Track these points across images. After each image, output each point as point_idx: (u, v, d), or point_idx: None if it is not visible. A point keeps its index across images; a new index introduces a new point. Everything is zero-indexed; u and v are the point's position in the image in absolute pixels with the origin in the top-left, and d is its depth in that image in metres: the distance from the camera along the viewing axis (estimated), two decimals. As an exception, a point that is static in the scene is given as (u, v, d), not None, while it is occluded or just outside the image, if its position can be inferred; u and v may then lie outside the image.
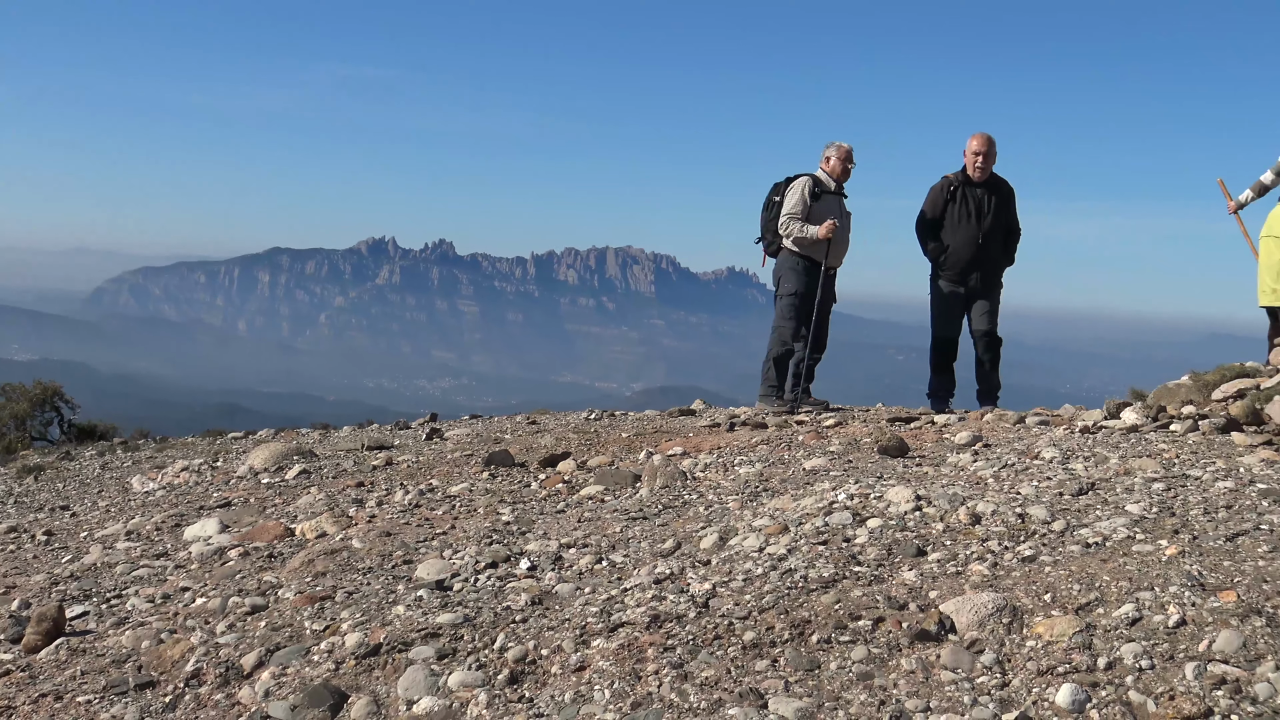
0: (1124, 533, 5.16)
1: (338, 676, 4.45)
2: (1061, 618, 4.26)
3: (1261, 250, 11.68)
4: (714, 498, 6.88)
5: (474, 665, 4.36)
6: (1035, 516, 5.48)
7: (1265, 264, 11.53)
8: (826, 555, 5.12)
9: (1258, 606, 4.22)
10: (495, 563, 5.70)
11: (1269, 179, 12.57)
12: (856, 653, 4.15)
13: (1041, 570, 4.77)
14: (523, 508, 7.10)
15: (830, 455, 7.81)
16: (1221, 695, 3.65)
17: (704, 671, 4.07)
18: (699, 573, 5.14)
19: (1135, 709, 3.64)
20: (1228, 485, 5.99)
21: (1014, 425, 8.72)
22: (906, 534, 5.36)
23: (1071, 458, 6.97)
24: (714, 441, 8.73)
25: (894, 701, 3.80)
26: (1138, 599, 4.36)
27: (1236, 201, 12.91)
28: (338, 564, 5.93)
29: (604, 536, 6.13)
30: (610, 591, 5.03)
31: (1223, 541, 4.97)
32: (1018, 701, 3.75)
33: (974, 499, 5.86)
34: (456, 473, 8.30)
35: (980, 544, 5.17)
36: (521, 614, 4.86)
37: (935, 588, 4.69)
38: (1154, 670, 3.85)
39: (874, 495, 6.07)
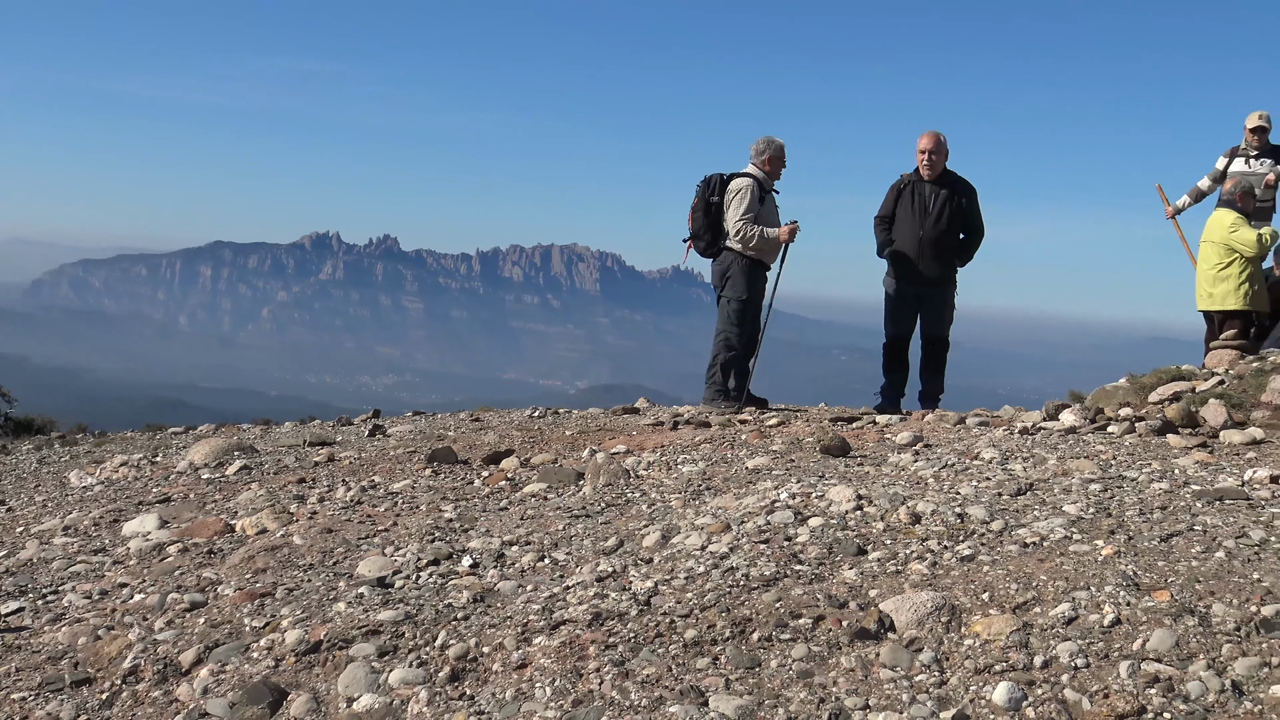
0: (1061, 533, 5.22)
1: (277, 674, 4.43)
2: (999, 617, 4.31)
3: (1199, 255, 11.86)
4: (657, 496, 6.89)
5: (415, 663, 4.35)
6: (974, 516, 5.53)
7: (1203, 269, 11.70)
8: (768, 554, 5.14)
9: (1190, 606, 4.28)
10: (437, 560, 5.68)
11: (1206, 185, 12.77)
12: (797, 651, 4.17)
13: (980, 570, 4.82)
14: (465, 505, 7.08)
15: (773, 454, 7.84)
16: (1155, 693, 3.70)
17: (645, 669, 4.08)
18: (641, 571, 5.15)
19: (1071, 707, 3.68)
20: (1163, 487, 6.08)
21: (954, 426, 8.79)
22: (847, 533, 5.39)
23: (1011, 458, 7.03)
24: (657, 440, 8.75)
25: (834, 699, 3.82)
26: (1074, 598, 4.41)
27: (1174, 206, 13.10)
28: (278, 560, 5.89)
29: (546, 534, 6.13)
30: (552, 589, 5.03)
31: (1157, 542, 5.04)
32: (955, 700, 3.79)
33: (914, 499, 5.91)
34: (399, 469, 8.26)
35: (920, 543, 5.21)
36: (463, 611, 4.85)
37: (875, 586, 4.72)
38: (1089, 669, 3.90)
39: (816, 494, 6.11)
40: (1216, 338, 11.21)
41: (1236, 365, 9.36)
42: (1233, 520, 5.36)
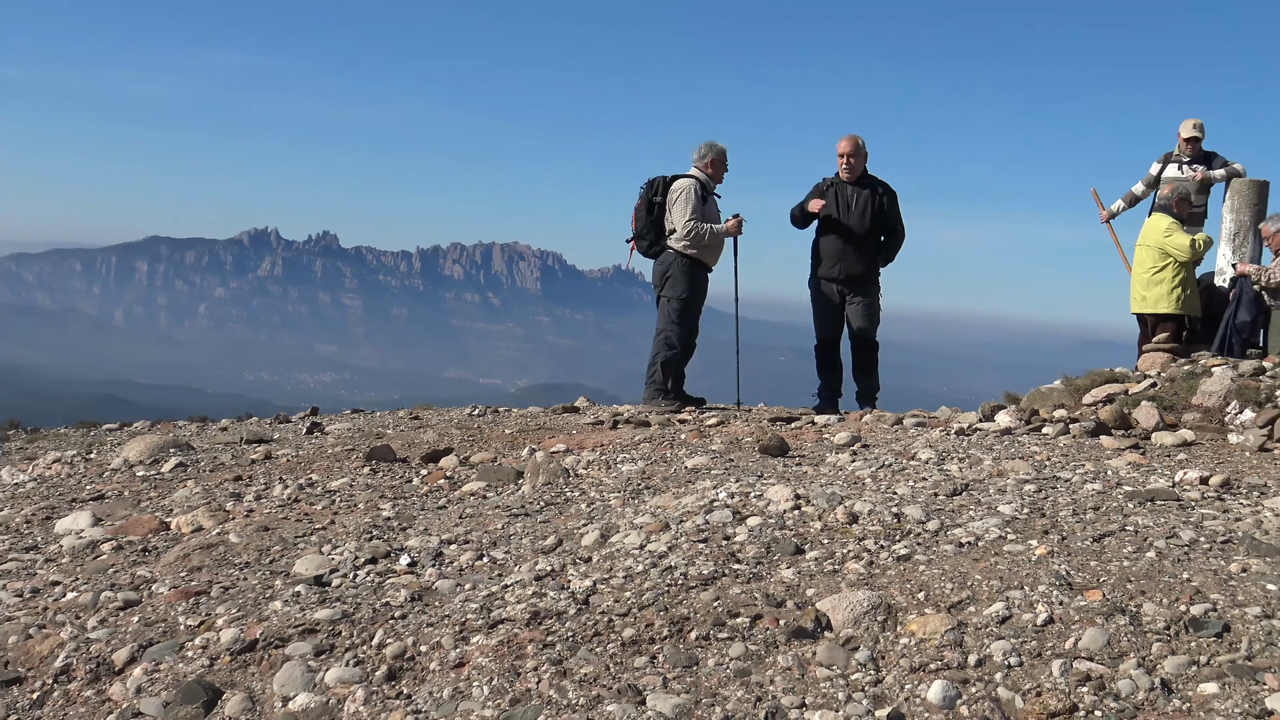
0: (996, 533, 5.28)
1: (212, 673, 4.39)
2: (934, 616, 4.35)
3: (1134, 259, 12.01)
4: (596, 495, 6.90)
5: (352, 661, 4.33)
6: (911, 516, 5.58)
7: (1137, 273, 11.86)
8: (706, 553, 5.16)
9: (1122, 605, 4.34)
10: (375, 558, 5.65)
11: (1140, 190, 12.94)
12: (734, 650, 4.19)
13: (916, 569, 4.86)
14: (404, 503, 7.05)
15: (712, 454, 7.87)
16: (1086, 691, 3.75)
17: (583, 668, 4.09)
18: (580, 570, 5.16)
19: (1004, 705, 3.73)
20: (1096, 487, 6.15)
21: (892, 426, 8.85)
22: (785, 532, 5.42)
23: (947, 459, 7.10)
24: (597, 439, 8.75)
25: (770, 698, 3.84)
26: (1008, 597, 4.46)
27: (1109, 211, 13.27)
28: (214, 559, 5.84)
29: (485, 533, 6.12)
30: (491, 588, 5.02)
31: (1090, 542, 5.10)
32: (891, 698, 3.82)
33: (852, 498, 5.95)
34: (337, 467, 8.22)
35: (857, 543, 5.25)
36: (401, 610, 4.83)
37: (812, 586, 4.75)
38: (1022, 667, 3.95)
39: (754, 494, 6.13)
40: (1149, 341, 11.36)
41: (1168, 368, 9.48)
42: (1164, 521, 5.44)
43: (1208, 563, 4.83)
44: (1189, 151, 12.42)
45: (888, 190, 10.86)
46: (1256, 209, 12.10)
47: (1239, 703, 3.64)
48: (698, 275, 10.73)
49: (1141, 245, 11.86)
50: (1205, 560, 4.86)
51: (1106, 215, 13.29)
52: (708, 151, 10.81)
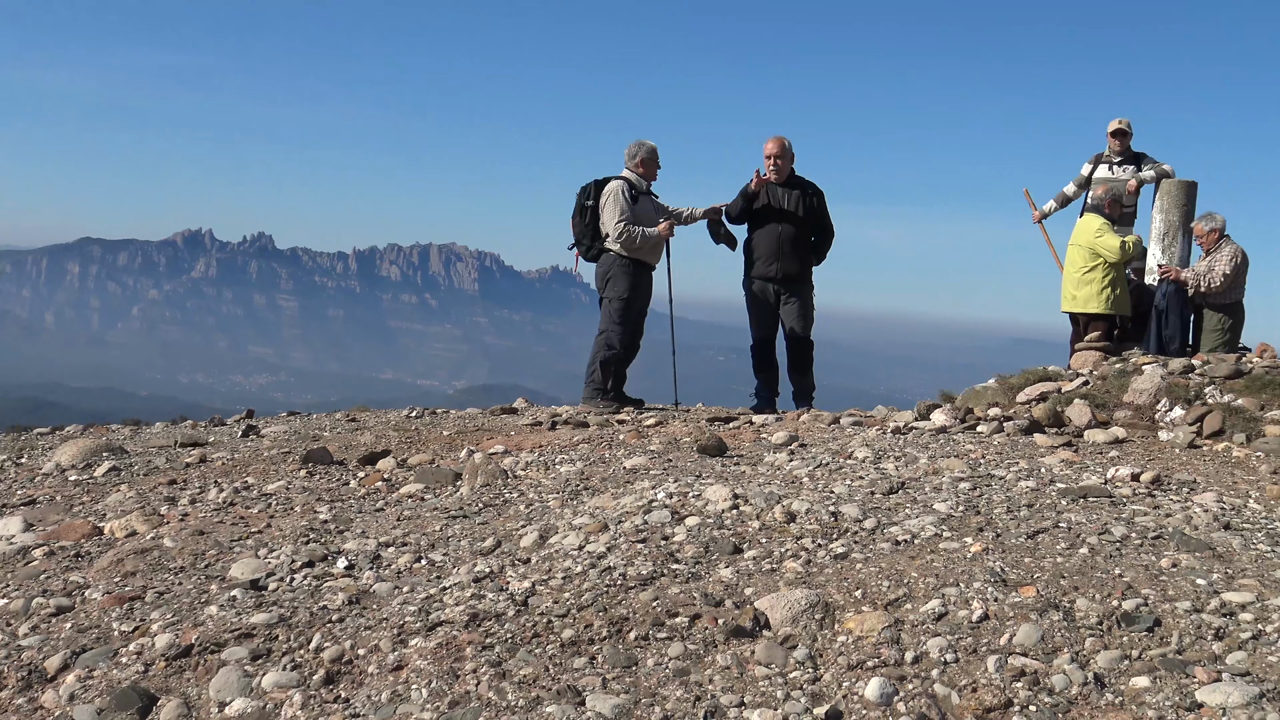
0: (932, 530, 5.33)
1: (147, 679, 4.34)
2: (871, 613, 4.38)
3: (1066, 258, 12.15)
4: (535, 496, 6.89)
5: (289, 665, 4.30)
6: (848, 515, 5.62)
7: (1068, 272, 11.99)
8: (645, 553, 5.17)
9: (1055, 601, 4.40)
10: (312, 562, 5.62)
11: (1071, 190, 13.10)
12: (673, 649, 4.20)
13: (853, 567, 4.89)
14: (341, 506, 7.01)
15: (650, 454, 7.88)
16: (1021, 687, 3.80)
17: (522, 670, 4.08)
18: (518, 571, 5.15)
19: (940, 701, 3.76)
20: (1030, 485, 6.23)
21: (829, 426, 8.90)
22: (724, 532, 5.44)
23: (883, 457, 7.15)
24: (535, 440, 8.74)
25: (709, 697, 3.86)
26: (944, 594, 4.50)
27: (1041, 211, 13.43)
28: (148, 563, 5.77)
29: (423, 535, 6.10)
30: (429, 590, 5.00)
31: (1024, 539, 5.17)
32: (829, 695, 3.85)
33: (789, 498, 5.98)
34: (273, 470, 8.14)
35: (795, 542, 5.28)
36: (338, 613, 4.81)
37: (751, 585, 4.77)
38: (958, 663, 3.98)
39: (692, 494, 6.15)
40: (1081, 339, 11.51)
41: (1100, 366, 9.61)
42: (1096, 517, 5.52)
43: (1139, 558, 4.90)
44: (1118, 149, 12.59)
45: (816, 190, 10.93)
46: (1185, 209, 12.29)
47: (1170, 696, 3.70)
48: (639, 276, 10.74)
49: (1073, 245, 12.01)
50: (1137, 556, 4.94)
51: (1039, 215, 13.45)
52: (637, 150, 10.83)
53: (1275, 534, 5.39)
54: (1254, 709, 3.57)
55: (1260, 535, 5.35)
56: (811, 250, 11.00)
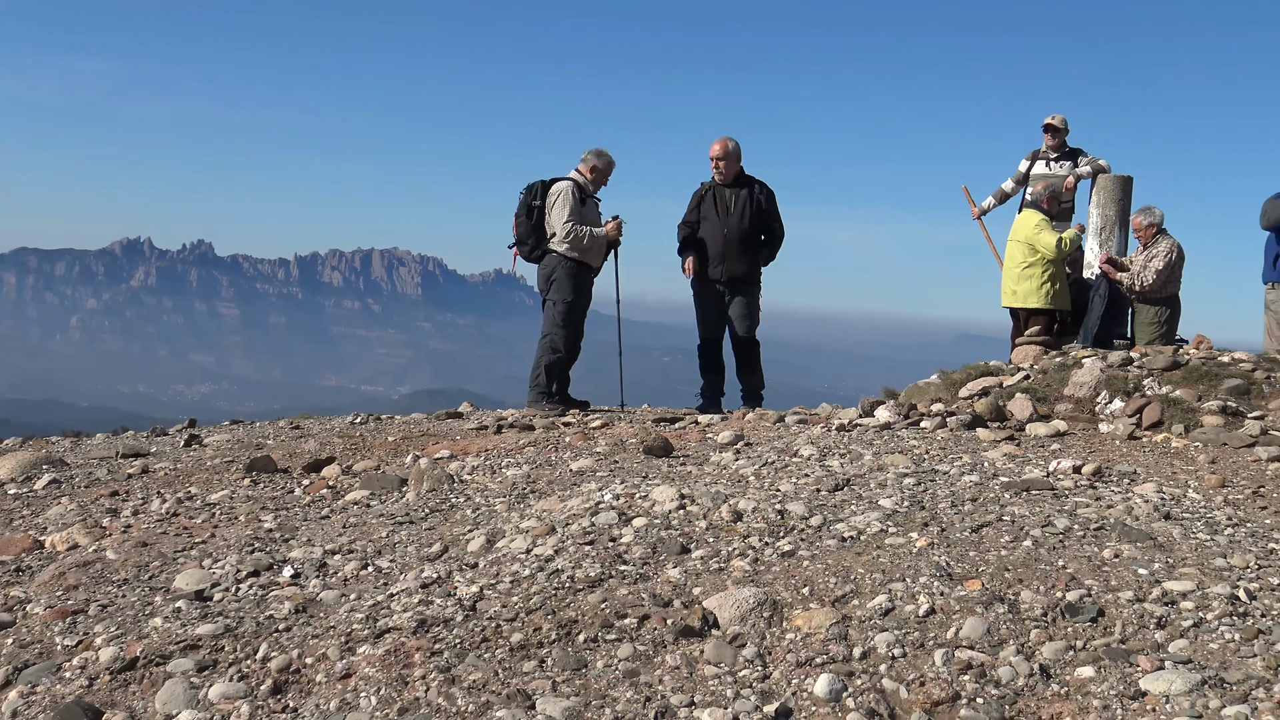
0: (877, 526, 5.36)
1: (91, 693, 4.29)
2: (819, 610, 4.40)
3: (1006, 254, 12.27)
4: (481, 500, 6.87)
5: (236, 676, 4.26)
6: (794, 513, 5.64)
7: (1008, 267, 12.11)
8: (593, 555, 5.17)
9: (1000, 594, 4.44)
10: (257, 571, 5.57)
11: (1010, 187, 13.24)
12: (623, 651, 4.20)
13: (800, 565, 4.91)
14: (286, 514, 6.96)
15: (597, 456, 7.88)
16: (968, 680, 3.83)
17: (471, 674, 4.07)
18: (466, 576, 5.14)
19: (889, 696, 3.79)
20: (973, 479, 6.28)
21: (774, 424, 8.94)
22: (671, 532, 5.45)
23: (828, 455, 7.19)
24: (481, 444, 8.72)
25: (659, 697, 3.86)
26: (890, 590, 4.53)
27: (980, 208, 13.57)
28: (91, 576, 5.71)
29: (369, 541, 6.06)
30: (376, 597, 4.98)
31: (969, 533, 5.21)
32: (778, 693, 3.86)
33: (736, 497, 6.00)
34: (216, 480, 8.08)
35: (742, 540, 5.29)
36: (285, 622, 4.77)
37: (699, 584, 4.78)
38: (906, 658, 4.01)
39: (639, 495, 6.16)
40: (1022, 334, 11.63)
41: (1041, 361, 9.70)
42: (1039, 510, 5.57)
43: (1082, 549, 4.96)
44: (1053, 145, 12.73)
45: (765, 189, 10.94)
46: (1121, 204, 12.45)
47: (1114, 685, 3.74)
48: (582, 278, 10.75)
49: (1012, 241, 12.13)
50: (1079, 547, 4.99)
51: (978, 212, 13.57)
52: (593, 158, 10.83)
53: (1214, 523, 5.46)
54: (1196, 696, 3.62)
55: (1200, 524, 5.42)
56: (759, 251, 11.01)
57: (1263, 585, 4.56)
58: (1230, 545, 5.08)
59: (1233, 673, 3.77)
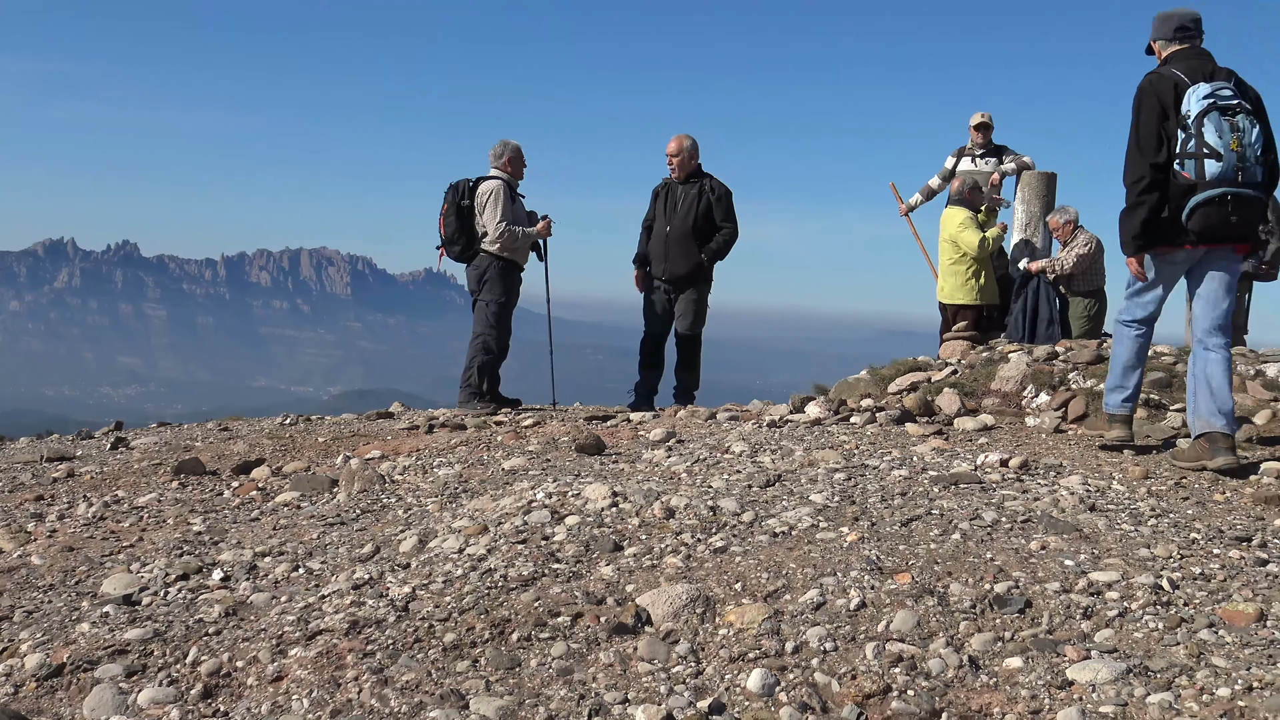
0: (809, 521, 5.40)
1: (17, 700, 4.23)
2: (751, 605, 4.43)
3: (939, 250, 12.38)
4: (413, 500, 6.84)
5: (165, 681, 4.22)
6: (726, 509, 5.67)
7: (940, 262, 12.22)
8: (526, 554, 5.16)
9: (930, 587, 4.49)
10: (186, 574, 5.52)
11: (936, 183, 13.37)
12: (556, 649, 4.21)
13: (732, 560, 4.94)
14: (215, 517, 6.90)
15: (529, 455, 7.87)
16: (899, 672, 3.87)
17: (404, 675, 4.06)
18: (398, 576, 5.11)
19: (821, 690, 3.82)
20: (903, 473, 6.34)
21: (706, 421, 8.97)
22: (604, 530, 5.46)
23: (760, 451, 7.22)
24: (413, 444, 8.68)
25: (594, 695, 3.87)
26: (822, 584, 4.57)
27: (907, 204, 13.68)
28: (15, 582, 5.63)
29: (300, 543, 6.02)
30: (308, 599, 4.95)
31: (898, 527, 5.26)
32: (711, 688, 3.88)
33: (668, 494, 6.02)
34: (144, 483, 7.99)
35: (674, 537, 5.31)
36: (215, 626, 4.73)
37: (632, 581, 4.80)
38: (837, 652, 4.05)
39: (572, 493, 6.16)
40: (950, 329, 11.73)
41: (968, 356, 9.81)
42: (967, 503, 5.64)
43: (1009, 542, 5.02)
44: (980, 142, 12.87)
45: (715, 187, 10.93)
46: (1045, 200, 12.60)
47: (1042, 675, 3.80)
48: (513, 277, 10.73)
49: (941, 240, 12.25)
50: (1007, 540, 5.06)
51: (905, 209, 13.69)
52: (503, 150, 10.78)
53: (1139, 514, 5.55)
54: (1121, 684, 3.68)
55: (1124, 515, 5.51)
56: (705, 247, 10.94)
57: (1185, 575, 4.65)
58: (1154, 536, 5.17)
59: (1156, 661, 3.84)
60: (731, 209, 11.01)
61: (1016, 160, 12.76)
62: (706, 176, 10.96)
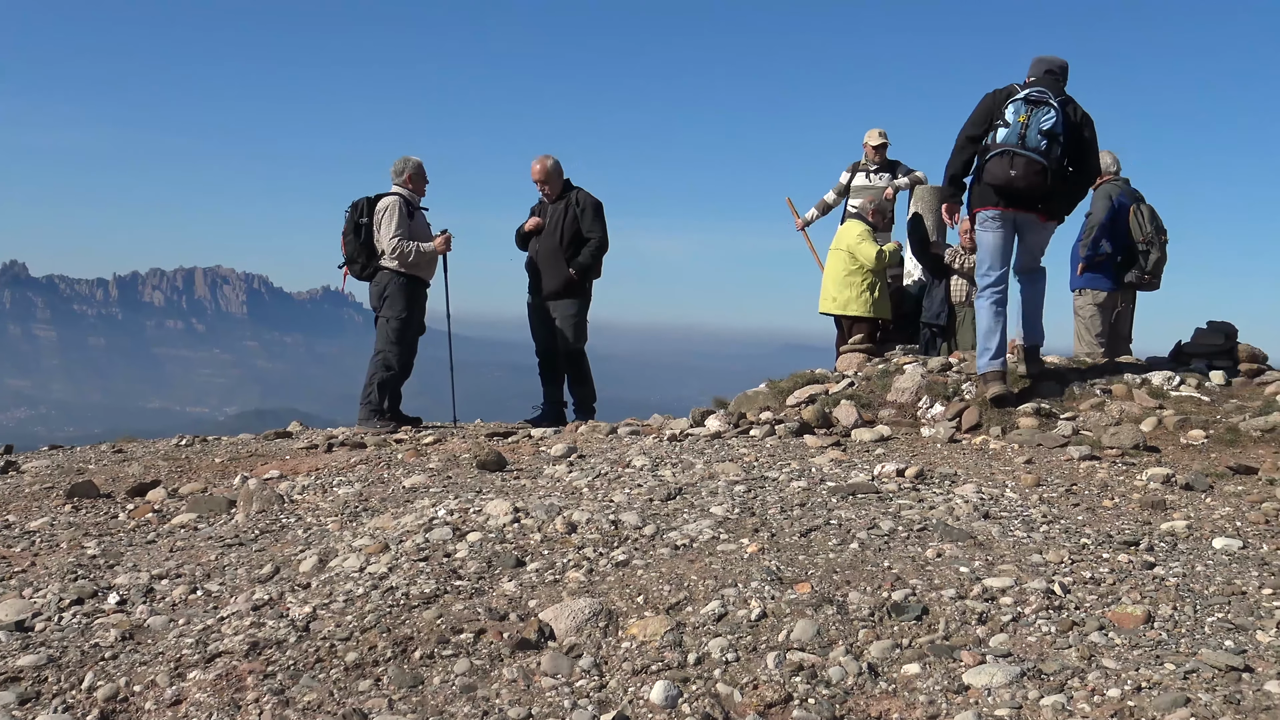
0: (709, 534, 5.44)
1: (-95, 732, 4.15)
2: (654, 618, 4.45)
3: (829, 262, 12.52)
4: (313, 520, 6.79)
5: (60, 707, 4.15)
6: (628, 523, 5.69)
7: (830, 274, 12.36)
8: (428, 571, 5.15)
9: (829, 596, 4.55)
10: (81, 599, 5.42)
11: (831, 198, 13.54)
12: (459, 666, 4.20)
13: (635, 574, 4.97)
14: (110, 540, 6.78)
15: (430, 472, 7.84)
16: (800, 681, 3.92)
17: (306, 696, 4.03)
18: (299, 596, 5.07)
19: (723, 700, 3.85)
20: (801, 485, 6.42)
21: (607, 436, 8.99)
22: (506, 546, 5.46)
23: (661, 465, 7.26)
24: (312, 463, 8.60)
25: (497, 711, 3.87)
26: (723, 595, 4.61)
27: (803, 219, 13.84)
28: (-99, 611, 5.50)
29: (198, 565, 5.95)
30: (206, 621, 4.89)
31: (798, 537, 5.33)
32: (615, 702, 3.90)
33: (570, 509, 6.03)
34: (36, 507, 7.83)
35: (576, 552, 5.33)
36: (111, 650, 4.66)
37: (535, 597, 4.80)
38: (739, 662, 4.09)
39: (473, 510, 6.15)
40: (845, 342, 11.87)
41: (864, 368, 9.93)
42: (865, 513, 5.72)
43: (906, 550, 5.11)
44: (875, 159, 13.06)
45: (581, 199, 11.00)
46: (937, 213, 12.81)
47: (939, 680, 3.88)
48: (416, 293, 10.69)
49: (835, 249, 12.38)
50: (904, 548, 5.14)
51: (802, 223, 13.85)
52: (404, 167, 10.77)
53: (1030, 520, 5.67)
54: (1016, 687, 3.76)
55: (1017, 522, 5.63)
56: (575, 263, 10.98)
57: (1076, 579, 4.76)
58: (1045, 541, 5.29)
59: (1049, 664, 3.93)
60: (598, 218, 11.07)
61: (910, 175, 12.97)
62: (574, 190, 11.06)
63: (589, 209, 10.98)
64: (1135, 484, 6.60)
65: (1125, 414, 8.10)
